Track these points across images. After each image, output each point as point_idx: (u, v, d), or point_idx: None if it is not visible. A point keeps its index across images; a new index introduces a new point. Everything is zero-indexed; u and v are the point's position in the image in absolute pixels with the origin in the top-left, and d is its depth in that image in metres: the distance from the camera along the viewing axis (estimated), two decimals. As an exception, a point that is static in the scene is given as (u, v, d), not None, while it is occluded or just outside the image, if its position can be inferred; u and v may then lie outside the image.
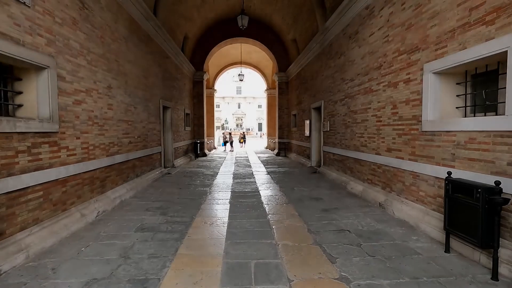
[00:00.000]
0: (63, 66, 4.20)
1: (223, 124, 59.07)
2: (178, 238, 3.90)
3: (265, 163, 12.93)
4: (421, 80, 4.41)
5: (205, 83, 16.67)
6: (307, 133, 11.76)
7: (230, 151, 20.58)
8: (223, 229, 4.28)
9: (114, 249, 3.56)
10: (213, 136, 22.13)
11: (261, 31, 15.58)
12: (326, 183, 7.88)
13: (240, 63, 21.10)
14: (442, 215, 3.89)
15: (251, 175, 9.50)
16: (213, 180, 8.45)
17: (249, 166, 11.87)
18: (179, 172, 9.99)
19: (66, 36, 4.26)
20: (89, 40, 4.92)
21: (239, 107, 62.91)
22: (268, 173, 9.93)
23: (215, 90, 21.97)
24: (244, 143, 26.03)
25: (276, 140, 17.19)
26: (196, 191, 7.01)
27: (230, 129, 52.63)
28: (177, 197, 6.35)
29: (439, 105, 4.20)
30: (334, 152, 8.51)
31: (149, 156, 8.13)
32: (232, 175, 9.40)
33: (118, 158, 6.03)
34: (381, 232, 4.15)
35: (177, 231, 4.18)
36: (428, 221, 4.12)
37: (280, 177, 9.07)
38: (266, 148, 22.43)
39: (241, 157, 16.01)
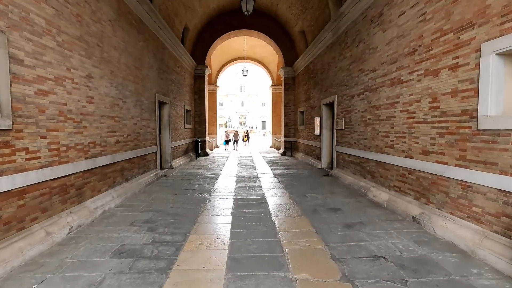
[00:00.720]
0: (20, 45, 3.30)
1: (226, 122, 58.26)
2: (164, 269, 2.99)
3: (271, 164, 12.00)
4: (476, 64, 3.45)
5: (206, 78, 15.74)
6: (317, 131, 10.81)
7: (233, 150, 19.63)
8: (223, 254, 3.36)
9: (76, 287, 2.66)
10: (216, 134, 21.22)
11: (266, 23, 14.62)
12: (341, 189, 6.93)
13: (244, 58, 20.12)
14: None
15: (256, 178, 8.58)
16: (214, 184, 7.54)
17: (254, 167, 10.95)
18: (177, 174, 9.09)
19: (24, 7, 3.36)
20: (60, 17, 4.01)
21: (242, 105, 62.01)
22: (275, 175, 9.00)
23: (218, 86, 21.04)
24: (248, 141, 25.14)
25: (282, 139, 16.24)
26: (194, 197, 6.10)
27: (234, 127, 51.79)
28: (170, 205, 5.44)
29: (502, 96, 3.24)
30: (349, 153, 7.55)
31: (141, 157, 7.24)
32: (235, 178, 8.49)
33: (101, 161, 5.14)
34: (427, 260, 3.20)
35: (164, 257, 3.27)
36: (490, 247, 3.16)
37: (288, 180, 8.13)
38: (271, 147, 21.49)
39: (245, 157, 15.09)
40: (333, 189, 6.89)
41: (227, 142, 20.57)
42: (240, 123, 60.64)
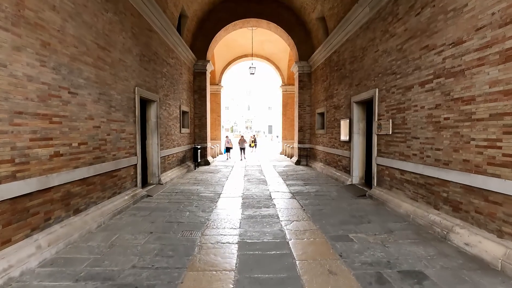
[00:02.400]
0: None
1: (232, 126, 56.36)
2: None
3: (285, 176, 9.78)
4: None
5: (209, 75, 13.69)
6: (343, 137, 8.58)
7: (241, 160, 15.87)
8: None
9: None
10: (220, 140, 19.15)
11: (277, 10, 12.56)
12: (398, 223, 4.69)
13: (251, 55, 18.06)
14: None
15: (269, 199, 6.39)
16: (212, 211, 5.38)
17: (264, 181, 8.75)
18: (164, 193, 6.95)
19: None
20: None
21: (248, 109, 60.09)
22: (293, 195, 6.79)
23: (222, 86, 18.98)
24: (255, 147, 22.99)
25: (295, 145, 14.01)
26: (177, 240, 3.94)
27: (240, 131, 49.79)
28: (134, 261, 3.29)
29: None
30: (403, 168, 5.32)
31: (109, 173, 5.13)
32: (241, 200, 6.31)
33: (13, 189, 3.03)
34: None
35: None
36: None
37: (314, 204, 5.91)
38: (281, 153, 19.28)
39: (253, 166, 12.90)
40: (386, 223, 4.65)
41: (227, 150, 16.76)
42: (246, 127, 58.71)
